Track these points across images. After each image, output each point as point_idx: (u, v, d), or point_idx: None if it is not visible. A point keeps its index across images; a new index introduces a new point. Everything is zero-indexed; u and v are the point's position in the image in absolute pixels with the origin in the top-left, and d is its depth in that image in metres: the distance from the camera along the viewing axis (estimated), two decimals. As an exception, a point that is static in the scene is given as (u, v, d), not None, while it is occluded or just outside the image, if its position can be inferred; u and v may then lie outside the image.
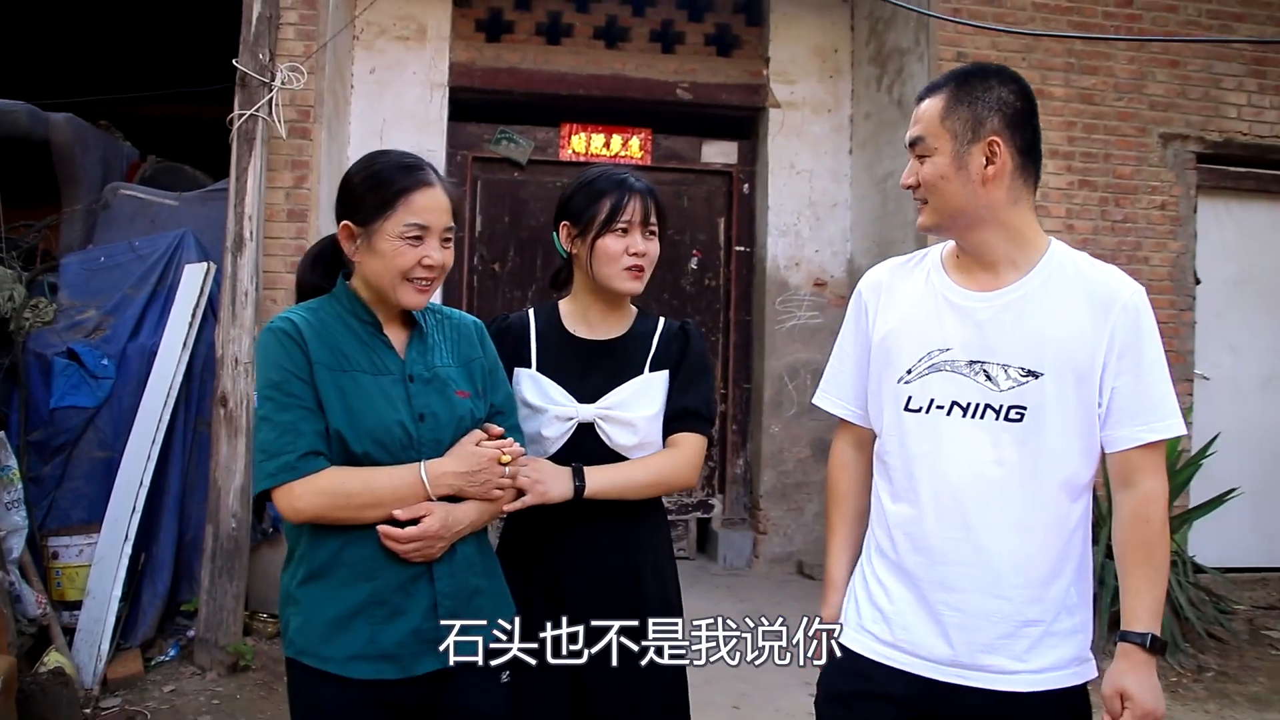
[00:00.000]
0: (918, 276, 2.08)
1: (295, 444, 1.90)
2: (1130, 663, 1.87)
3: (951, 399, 1.94)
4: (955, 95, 1.92)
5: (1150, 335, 1.91)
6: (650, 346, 2.35)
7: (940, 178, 1.91)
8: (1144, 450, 1.90)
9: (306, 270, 2.16)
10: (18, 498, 4.50)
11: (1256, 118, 6.41)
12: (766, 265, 6.93)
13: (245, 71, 4.92)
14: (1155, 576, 1.91)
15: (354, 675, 1.91)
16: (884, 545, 2.03)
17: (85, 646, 4.29)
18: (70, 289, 5.13)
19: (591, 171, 2.38)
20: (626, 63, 6.84)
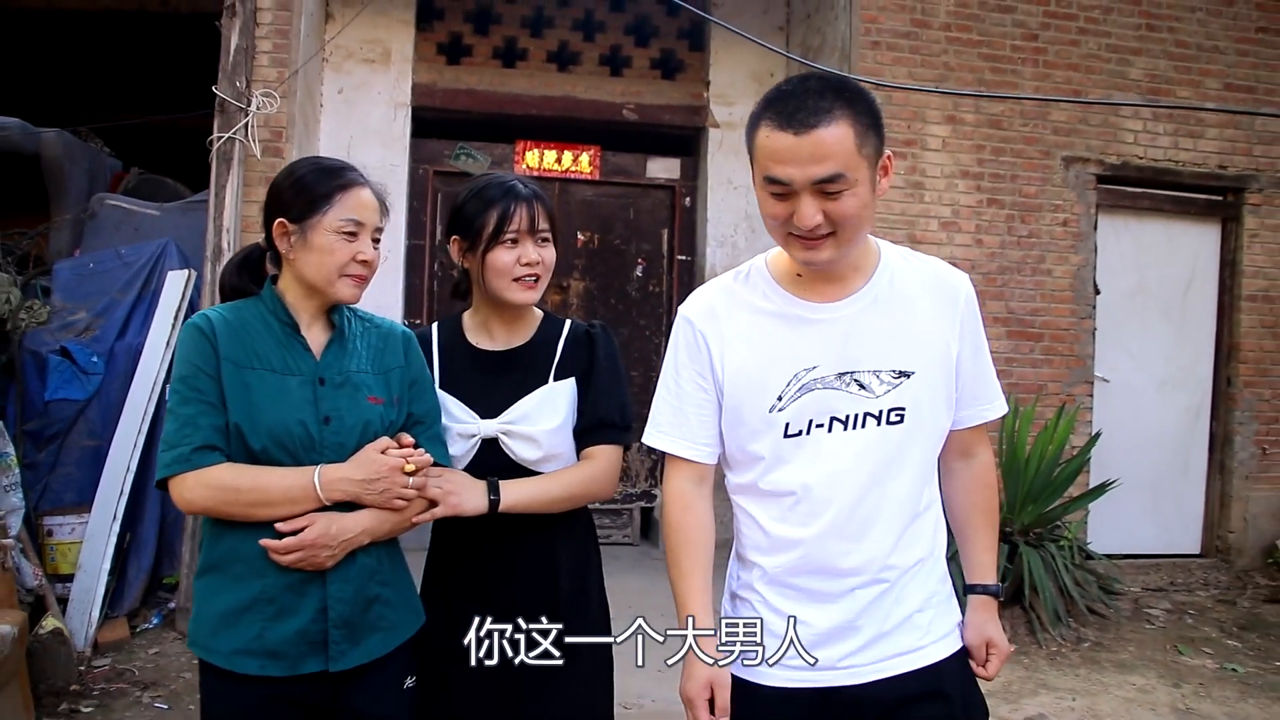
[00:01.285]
0: (753, 298, 1.97)
1: (191, 437, 1.93)
2: (990, 612, 2.04)
3: (829, 415, 1.88)
4: (857, 118, 1.73)
5: (980, 324, 2.01)
6: (554, 354, 2.31)
7: (864, 207, 1.78)
8: (980, 426, 2.06)
9: (231, 274, 2.16)
10: (15, 481, 5.00)
11: (1151, 143, 7.02)
12: (706, 273, 7.48)
13: (224, 98, 5.44)
14: (994, 535, 2.12)
15: (238, 670, 1.93)
16: (775, 573, 1.93)
17: (77, 614, 4.80)
18: (62, 292, 5.64)
19: (478, 181, 2.33)
20: (577, 85, 7.38)
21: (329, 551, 1.96)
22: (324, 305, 2.12)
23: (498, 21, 7.35)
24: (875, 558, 1.89)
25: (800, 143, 1.71)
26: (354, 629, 2.01)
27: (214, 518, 1.98)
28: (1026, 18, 6.82)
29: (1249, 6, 7.17)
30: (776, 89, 1.82)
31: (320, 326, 2.12)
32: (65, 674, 4.24)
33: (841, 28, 6.73)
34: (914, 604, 1.93)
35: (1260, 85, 7.21)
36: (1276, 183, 7.21)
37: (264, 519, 1.94)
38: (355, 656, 2.01)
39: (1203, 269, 7.33)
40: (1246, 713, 4.75)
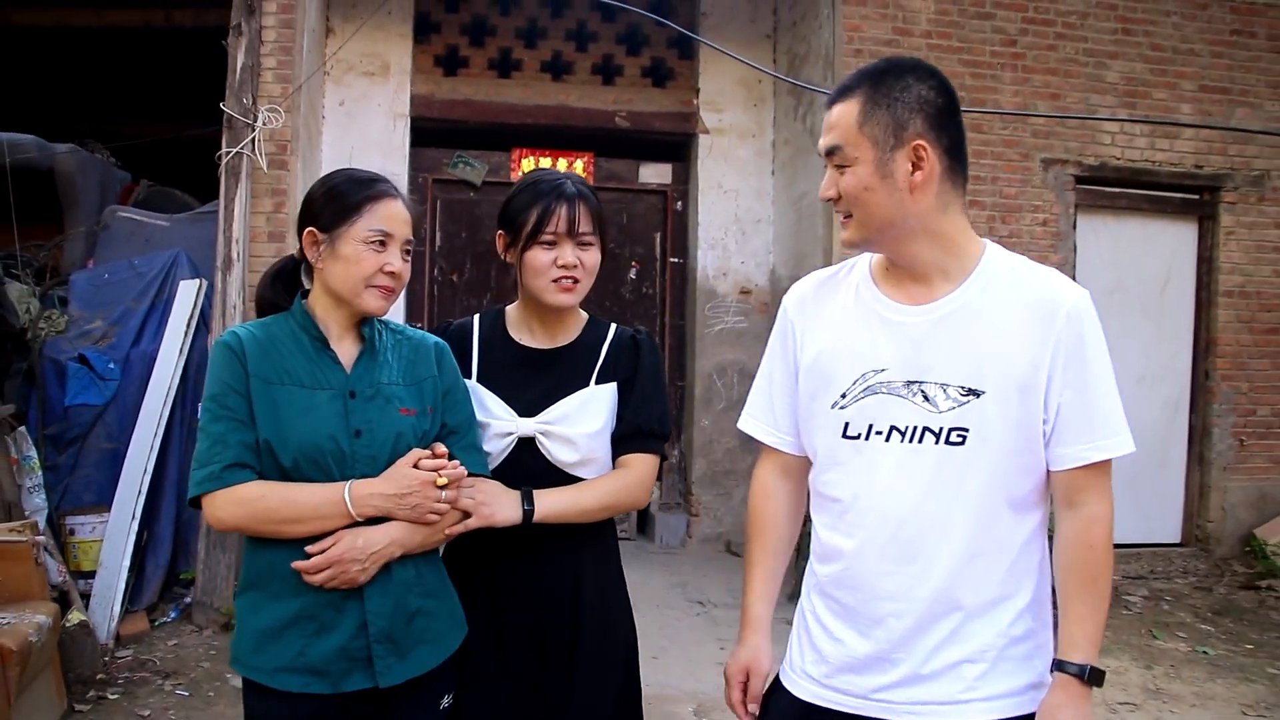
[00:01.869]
0: (846, 290, 1.94)
1: (222, 455, 1.92)
2: (1066, 695, 1.75)
3: (890, 424, 1.80)
4: (871, 98, 1.75)
5: (1095, 345, 1.78)
6: (598, 357, 2.26)
7: (864, 189, 1.76)
8: (1089, 470, 1.77)
9: (266, 287, 2.16)
10: (38, 483, 5.27)
11: (1128, 144, 7.25)
12: (697, 275, 7.73)
13: (231, 114, 5.68)
14: (1097, 604, 1.78)
15: (280, 687, 1.93)
16: (824, 582, 1.90)
17: (99, 609, 5.04)
18: (79, 302, 5.88)
19: (529, 177, 2.30)
20: (571, 94, 7.63)
21: (359, 566, 1.93)
22: (353, 317, 2.09)
23: (493, 33, 7.60)
24: (917, 588, 1.77)
25: (828, 115, 1.82)
26: (398, 643, 1.99)
27: (251, 536, 1.98)
28: (1005, 24, 7.04)
29: (1223, 10, 7.38)
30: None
31: (351, 339, 2.10)
32: (91, 664, 4.48)
33: (825, 36, 6.96)
34: (964, 652, 1.77)
35: (1235, 86, 7.42)
36: (1252, 181, 7.43)
37: (296, 535, 1.93)
38: (403, 670, 1.98)
39: (1180, 266, 7.55)
40: (1214, 692, 4.98)
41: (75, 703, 4.18)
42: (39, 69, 9.23)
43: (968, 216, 1.85)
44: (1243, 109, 7.42)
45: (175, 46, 8.49)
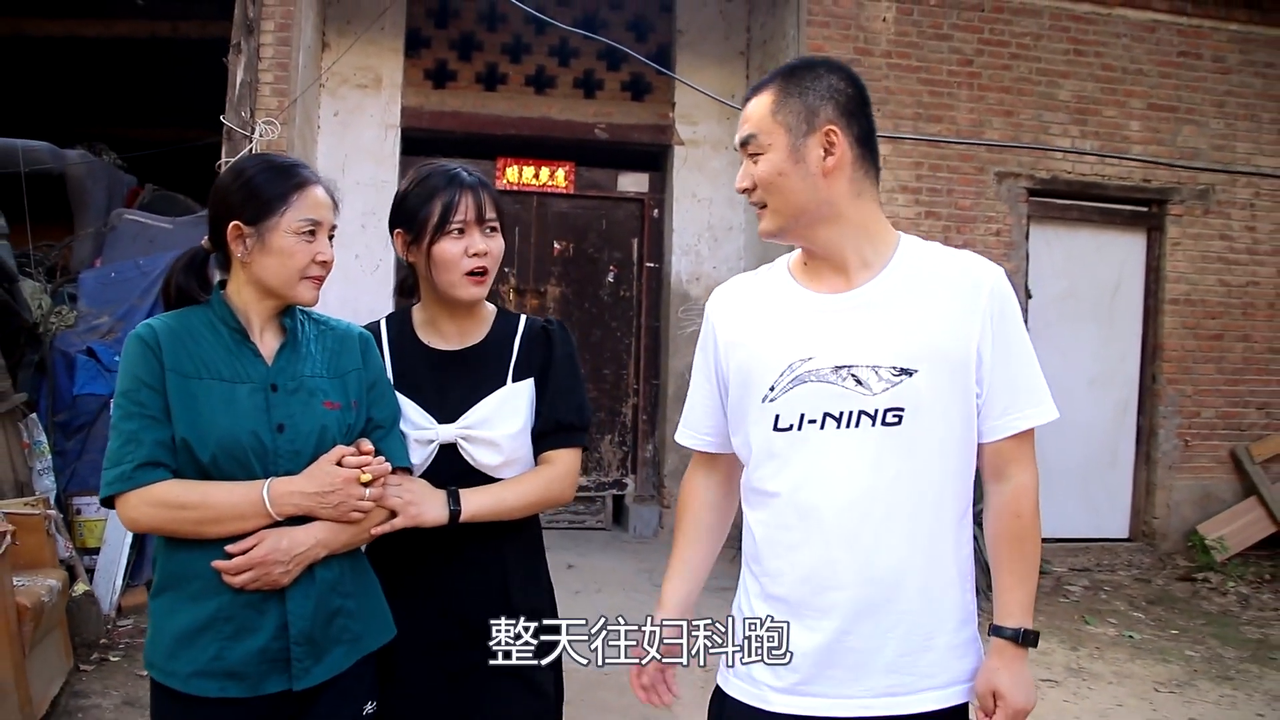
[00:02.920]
0: (765, 288, 1.95)
1: (135, 453, 1.84)
2: (1003, 659, 1.78)
3: (823, 410, 1.79)
4: (784, 88, 1.81)
5: (1016, 319, 1.82)
6: (511, 353, 2.20)
7: (778, 174, 1.79)
8: (1016, 440, 1.82)
9: (180, 275, 2.03)
10: (48, 466, 5.70)
11: (1079, 160, 7.65)
12: (672, 279, 8.16)
13: (231, 126, 6.11)
14: (1027, 570, 1.84)
15: (197, 693, 1.85)
16: (765, 582, 1.87)
17: (103, 582, 5.46)
18: (87, 299, 6.32)
19: (421, 170, 2.21)
20: (553, 106, 8.06)
21: (282, 568, 1.87)
22: (277, 308, 2.02)
23: (480, 49, 8.03)
24: (866, 575, 1.76)
25: (743, 111, 1.88)
26: (316, 644, 1.93)
27: (164, 536, 1.91)
28: (962, 45, 7.45)
29: (1170, 33, 7.79)
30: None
31: (272, 331, 2.02)
32: (95, 630, 4.90)
33: (791, 55, 7.37)
34: (914, 640, 1.77)
35: (1182, 105, 7.83)
36: (1197, 195, 7.84)
37: (214, 536, 1.86)
38: (319, 673, 1.93)
39: (1129, 275, 7.97)
40: (1131, 671, 5.40)
41: (80, 663, 4.60)
42: (49, 76, 9.69)
43: (880, 207, 1.89)
44: (1189, 126, 7.84)
45: (180, 55, 8.95)
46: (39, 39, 8.72)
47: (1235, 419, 7.95)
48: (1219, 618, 6.42)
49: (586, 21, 8.14)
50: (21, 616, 3.68)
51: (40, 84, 9.68)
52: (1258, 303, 7.98)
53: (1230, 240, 7.96)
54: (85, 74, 9.69)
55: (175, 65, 9.15)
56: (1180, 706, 4.88)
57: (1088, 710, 4.80)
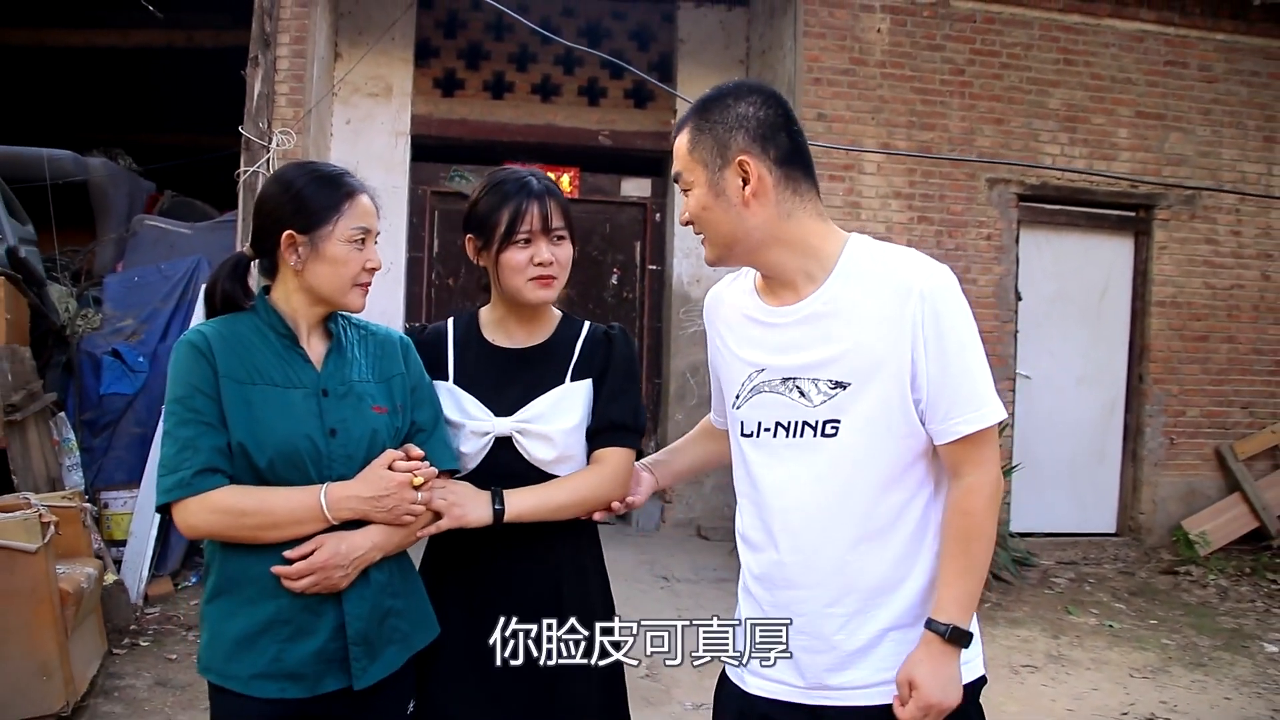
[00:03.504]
0: (736, 297, 2.04)
1: (192, 460, 1.85)
2: (927, 651, 1.80)
3: (775, 419, 1.90)
4: (697, 124, 1.87)
5: (953, 321, 1.82)
6: (572, 354, 2.25)
7: (703, 209, 1.87)
8: (964, 443, 1.82)
9: (225, 280, 2.05)
10: (76, 462, 5.98)
11: (1068, 165, 7.88)
12: (673, 281, 8.42)
13: (249, 137, 6.38)
14: (969, 568, 1.84)
15: (257, 694, 1.89)
16: (745, 577, 2.01)
17: (130, 572, 5.74)
18: (112, 302, 6.60)
19: (493, 176, 2.26)
20: (558, 114, 8.32)
21: (342, 572, 1.91)
22: (324, 314, 2.07)
23: (487, 58, 8.29)
24: (814, 575, 1.86)
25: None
26: (371, 645, 1.97)
27: (221, 541, 1.94)
28: (954, 55, 7.69)
29: (1158, 42, 8.02)
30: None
31: (318, 337, 2.07)
32: (125, 617, 5.18)
33: (789, 65, 7.64)
34: (866, 636, 1.86)
35: (1169, 113, 8.05)
36: (1184, 200, 8.07)
37: (274, 540, 1.89)
38: (376, 671, 1.97)
39: (1117, 278, 8.20)
40: (1109, 658, 5.65)
41: (113, 647, 4.88)
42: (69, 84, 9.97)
43: (822, 219, 1.92)
44: (1176, 134, 8.06)
45: (195, 64, 9.23)
46: (59, 49, 8.99)
47: (1220, 418, 8.18)
48: (1197, 609, 6.68)
49: (590, 30, 8.42)
50: (64, 601, 3.96)
51: (60, 92, 9.97)
52: (1242, 305, 8.21)
53: (1215, 244, 8.19)
54: (103, 82, 9.96)
55: (190, 73, 9.42)
56: (1153, 691, 5.13)
57: (1064, 694, 5.06)
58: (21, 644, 3.83)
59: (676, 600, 6.44)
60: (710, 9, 8.56)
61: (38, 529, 3.85)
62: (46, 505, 4.17)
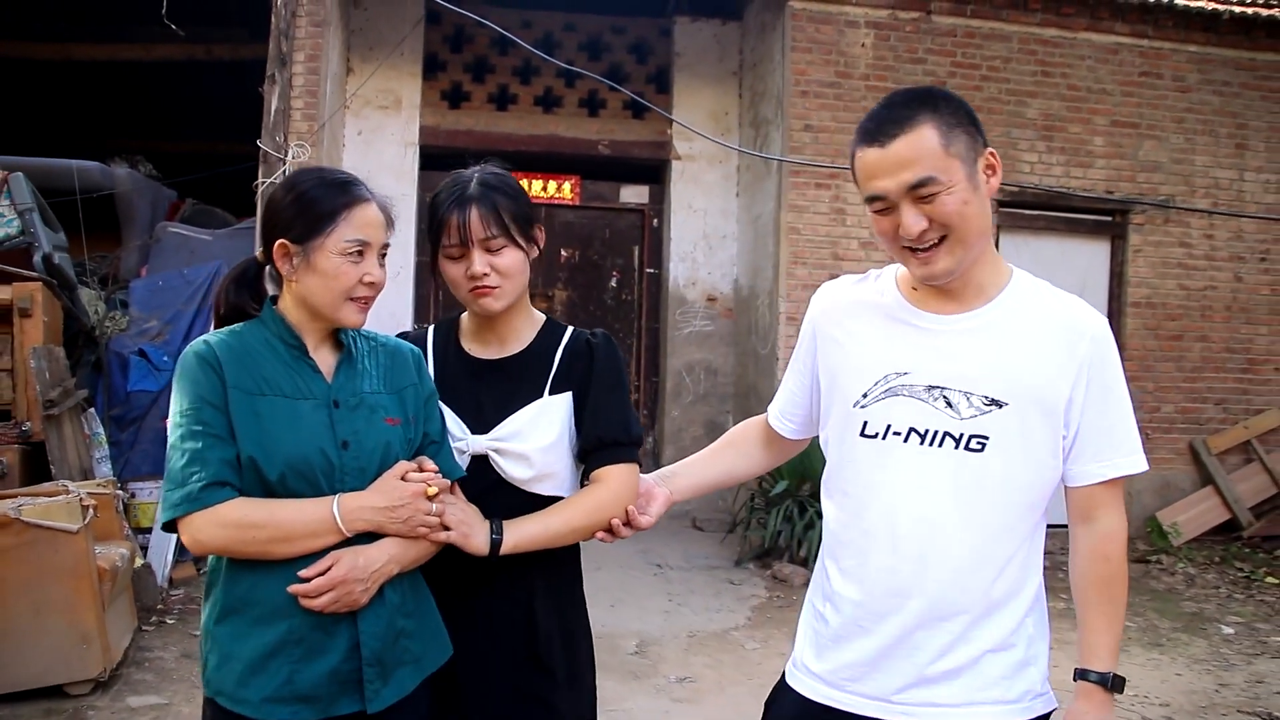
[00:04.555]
0: (871, 296, 1.97)
1: (200, 473, 1.78)
2: (1091, 703, 1.80)
3: (909, 425, 1.83)
4: (943, 120, 1.76)
5: (1115, 369, 1.82)
6: (551, 365, 2.11)
7: (964, 204, 1.75)
8: (1105, 486, 1.82)
9: (230, 292, 2.00)
10: (105, 454, 6.41)
11: (1045, 173, 8.26)
12: (670, 284, 8.83)
13: (266, 150, 6.80)
14: (1114, 614, 1.84)
15: (269, 718, 1.82)
16: (834, 581, 1.93)
17: (156, 557, 6.15)
18: (138, 305, 7.04)
19: (444, 182, 2.14)
20: (560, 125, 8.74)
21: (362, 586, 1.83)
22: (330, 326, 1.98)
23: (492, 71, 8.72)
24: (923, 587, 1.81)
25: (886, 154, 1.75)
26: (385, 665, 1.89)
27: (230, 557, 1.85)
28: (936, 68, 8.06)
29: (1133, 54, 8.39)
30: (868, 113, 1.83)
31: (328, 348, 1.99)
32: (152, 596, 5.60)
33: (778, 78, 8.03)
34: (965, 656, 1.80)
35: (1143, 122, 8.43)
36: (1158, 205, 8.43)
37: (283, 556, 1.81)
38: (388, 695, 1.89)
39: (1094, 279, 8.55)
40: (1070, 638, 5.82)
41: (142, 624, 5.29)
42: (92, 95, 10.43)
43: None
44: (1150, 141, 8.43)
45: (213, 75, 9.67)
46: (85, 62, 9.45)
47: (1194, 414, 8.55)
48: (1163, 594, 7.04)
49: (592, 44, 8.85)
50: (101, 578, 4.37)
51: (85, 103, 10.43)
52: (1215, 305, 8.57)
53: (1189, 247, 8.55)
54: (126, 93, 10.42)
55: (209, 85, 9.87)
56: (1107, 667, 5.49)
57: (1023, 669, 5.41)
58: (64, 615, 4.24)
59: (668, 586, 6.81)
60: (705, 24, 8.97)
61: (78, 512, 4.27)
62: (86, 492, 4.58)
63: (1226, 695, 5.08)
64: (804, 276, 7.72)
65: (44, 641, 4.22)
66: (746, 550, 7.41)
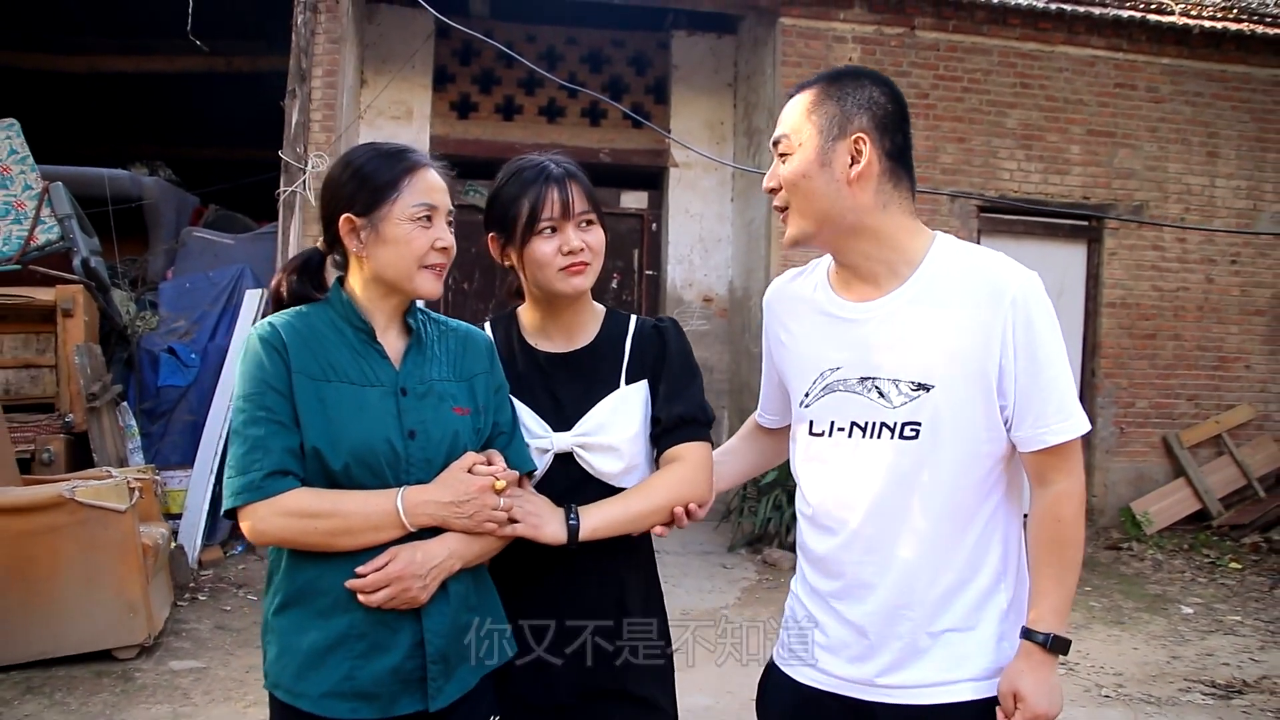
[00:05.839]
0: (806, 291, 1.97)
1: (262, 461, 1.73)
2: (1029, 662, 1.77)
3: (850, 419, 1.83)
4: (824, 90, 1.79)
5: (1043, 328, 1.75)
6: (623, 355, 2.08)
7: (802, 175, 1.78)
8: (1052, 451, 1.77)
9: (293, 279, 1.93)
10: (137, 446, 6.88)
11: (1024, 179, 8.65)
12: (668, 285, 9.28)
13: (287, 160, 7.26)
14: (1063, 575, 1.79)
15: (327, 714, 1.76)
16: (806, 572, 1.96)
17: (186, 540, 6.60)
18: (167, 305, 7.51)
19: (510, 166, 2.08)
20: (563, 134, 9.19)
21: (420, 583, 1.77)
22: (401, 306, 1.91)
23: (499, 83, 9.18)
24: (884, 575, 1.82)
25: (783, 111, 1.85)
26: (449, 663, 1.83)
27: (291, 548, 1.80)
28: (919, 80, 8.46)
29: (1108, 66, 8.78)
30: None
31: (396, 331, 1.92)
32: (185, 575, 6.05)
33: (769, 90, 8.45)
34: (927, 635, 1.82)
35: (1118, 131, 8.82)
36: (1132, 211, 8.83)
37: (347, 548, 1.76)
38: (451, 691, 1.83)
39: (1071, 281, 8.95)
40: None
41: (177, 600, 5.76)
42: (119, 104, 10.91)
43: (914, 217, 1.86)
44: (1125, 149, 8.83)
45: (232, 85, 10.14)
46: (112, 74, 9.93)
47: (1167, 409, 8.95)
48: (1131, 578, 7.45)
49: (593, 57, 9.30)
50: (145, 554, 4.84)
51: (111, 112, 10.92)
52: (1187, 306, 8.97)
53: (1162, 250, 8.96)
54: (150, 102, 10.90)
55: (228, 94, 10.33)
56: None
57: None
58: (113, 586, 4.70)
59: (664, 570, 6.95)
60: (701, 37, 9.41)
61: (126, 493, 4.72)
62: (131, 477, 5.05)
63: (1177, 666, 5.49)
64: (793, 278, 8.14)
65: (95, 610, 4.69)
66: (738, 537, 7.84)
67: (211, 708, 4.34)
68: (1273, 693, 4.97)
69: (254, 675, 4.71)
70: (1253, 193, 9.03)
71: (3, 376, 6.87)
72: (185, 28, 7.50)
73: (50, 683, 4.50)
